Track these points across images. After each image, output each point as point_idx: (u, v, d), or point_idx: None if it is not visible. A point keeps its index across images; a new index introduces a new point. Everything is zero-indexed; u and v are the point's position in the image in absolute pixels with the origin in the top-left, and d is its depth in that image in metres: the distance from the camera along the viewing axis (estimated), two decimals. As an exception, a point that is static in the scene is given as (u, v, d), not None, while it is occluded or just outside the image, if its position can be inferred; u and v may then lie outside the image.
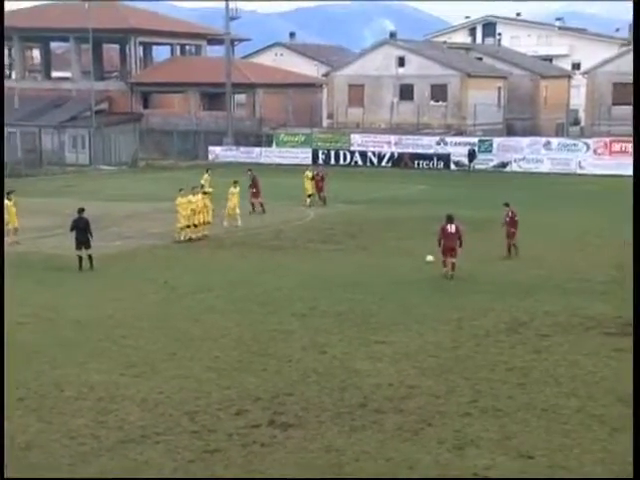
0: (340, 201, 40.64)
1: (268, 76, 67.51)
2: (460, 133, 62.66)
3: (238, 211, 33.39)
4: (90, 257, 25.17)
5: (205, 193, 31.22)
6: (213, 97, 67.08)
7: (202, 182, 37.93)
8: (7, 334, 17.32)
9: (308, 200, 38.91)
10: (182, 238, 29.88)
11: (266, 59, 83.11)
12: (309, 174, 39.97)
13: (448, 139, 59.06)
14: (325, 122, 70.64)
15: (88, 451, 12.51)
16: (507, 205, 27.47)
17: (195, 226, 30.29)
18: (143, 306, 20.89)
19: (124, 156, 63.45)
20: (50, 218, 34.65)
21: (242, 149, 62.15)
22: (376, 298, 21.58)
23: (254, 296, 21.79)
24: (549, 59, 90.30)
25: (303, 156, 59.81)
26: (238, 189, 33.81)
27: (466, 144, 57.52)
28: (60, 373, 15.78)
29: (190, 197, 30.57)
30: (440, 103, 66.65)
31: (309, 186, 39.41)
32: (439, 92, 66.79)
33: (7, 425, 12.99)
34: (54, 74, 75.02)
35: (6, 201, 29.68)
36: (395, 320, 19.48)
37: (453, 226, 24.02)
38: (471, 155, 56.40)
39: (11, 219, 29.62)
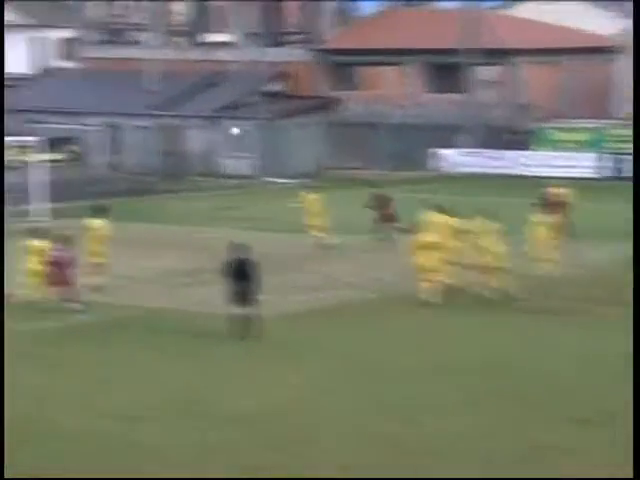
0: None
1: (532, 37, 67.06)
2: None
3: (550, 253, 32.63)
4: (255, 319, 25.26)
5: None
6: (442, 72, 66.67)
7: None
8: (110, 431, 18.01)
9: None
10: (436, 295, 29.11)
11: (526, 10, 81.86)
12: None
13: None
14: (624, 110, 68.86)
15: None
16: None
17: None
18: (336, 399, 20.64)
19: (305, 163, 63.87)
20: (195, 256, 35.60)
21: (488, 153, 61.56)
22: None
23: (517, 388, 21.13)
24: None
25: (584, 165, 58.72)
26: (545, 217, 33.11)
27: None
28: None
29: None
30: None
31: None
32: None
33: None
34: (205, 38, 76.69)
35: (93, 220, 30.89)
36: None
37: None
38: None
39: (92, 247, 30.40)
